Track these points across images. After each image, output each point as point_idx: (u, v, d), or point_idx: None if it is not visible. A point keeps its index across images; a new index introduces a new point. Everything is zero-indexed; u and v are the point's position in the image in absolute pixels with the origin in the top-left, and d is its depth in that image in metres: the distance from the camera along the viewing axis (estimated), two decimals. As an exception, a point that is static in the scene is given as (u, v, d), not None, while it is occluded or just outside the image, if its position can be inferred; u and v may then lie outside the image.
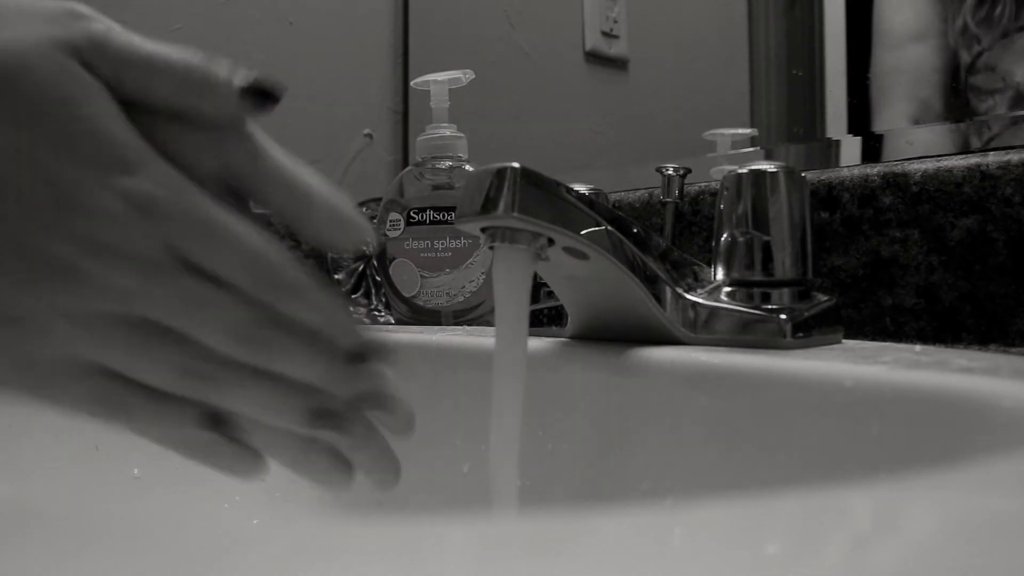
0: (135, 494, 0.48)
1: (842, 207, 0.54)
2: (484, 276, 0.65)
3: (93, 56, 0.23)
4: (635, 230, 0.42)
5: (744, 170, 0.44)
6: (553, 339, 0.46)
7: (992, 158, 0.49)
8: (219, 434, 0.26)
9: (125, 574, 0.11)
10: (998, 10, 0.53)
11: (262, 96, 0.25)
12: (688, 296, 0.43)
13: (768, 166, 0.44)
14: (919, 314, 0.51)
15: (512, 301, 0.38)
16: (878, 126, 0.60)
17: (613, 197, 0.68)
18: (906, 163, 0.53)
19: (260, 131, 0.26)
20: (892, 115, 0.59)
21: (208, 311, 0.24)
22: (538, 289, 0.53)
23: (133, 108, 0.24)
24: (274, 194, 0.26)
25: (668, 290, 0.43)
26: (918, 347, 0.40)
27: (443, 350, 0.51)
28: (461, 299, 0.66)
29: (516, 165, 0.38)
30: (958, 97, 0.54)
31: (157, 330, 0.24)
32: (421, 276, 0.66)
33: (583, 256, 0.41)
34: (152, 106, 0.24)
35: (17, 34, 0.23)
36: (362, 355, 0.26)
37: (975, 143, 0.53)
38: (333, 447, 0.28)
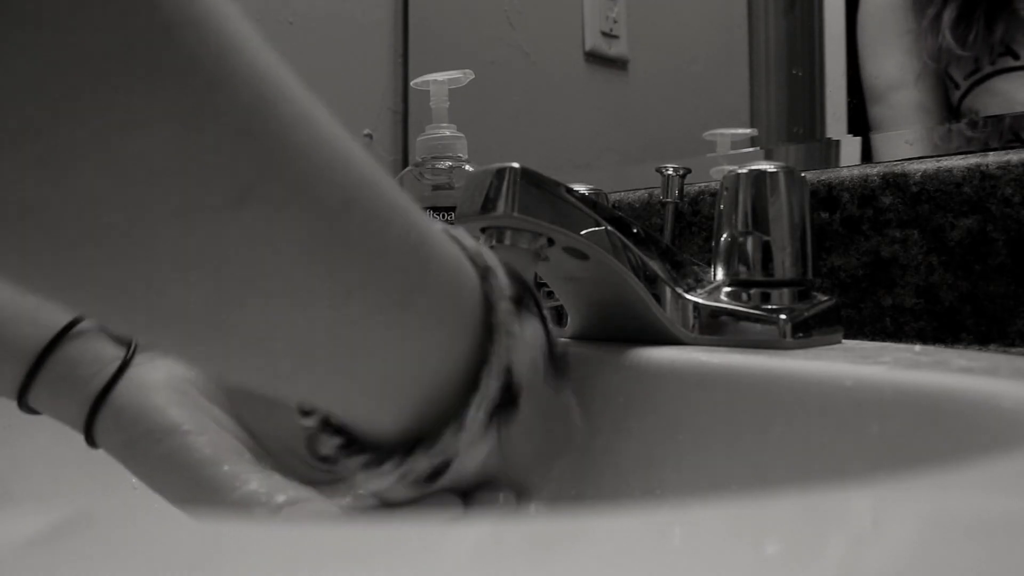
0: (136, 493, 0.48)
1: (842, 207, 0.54)
2: (484, 276, 0.65)
3: None
4: (635, 230, 0.42)
5: (744, 170, 0.44)
6: (553, 339, 0.46)
7: (992, 158, 0.49)
8: None
9: (126, 572, 0.11)
10: (969, 50, 0.55)
11: None
12: (688, 296, 0.43)
13: (768, 166, 0.44)
14: (919, 314, 0.51)
15: (512, 301, 0.38)
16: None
17: (613, 197, 0.68)
18: (906, 163, 0.53)
19: None
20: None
21: None
22: (538, 289, 0.53)
23: None
24: None
25: (668, 290, 0.43)
26: (918, 347, 0.40)
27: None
28: (461, 299, 0.65)
29: (516, 165, 0.38)
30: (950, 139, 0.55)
31: None
32: (421, 276, 0.66)
33: (583, 256, 0.41)
34: None
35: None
36: None
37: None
38: None
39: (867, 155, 0.60)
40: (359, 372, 0.23)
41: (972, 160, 0.49)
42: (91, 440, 0.34)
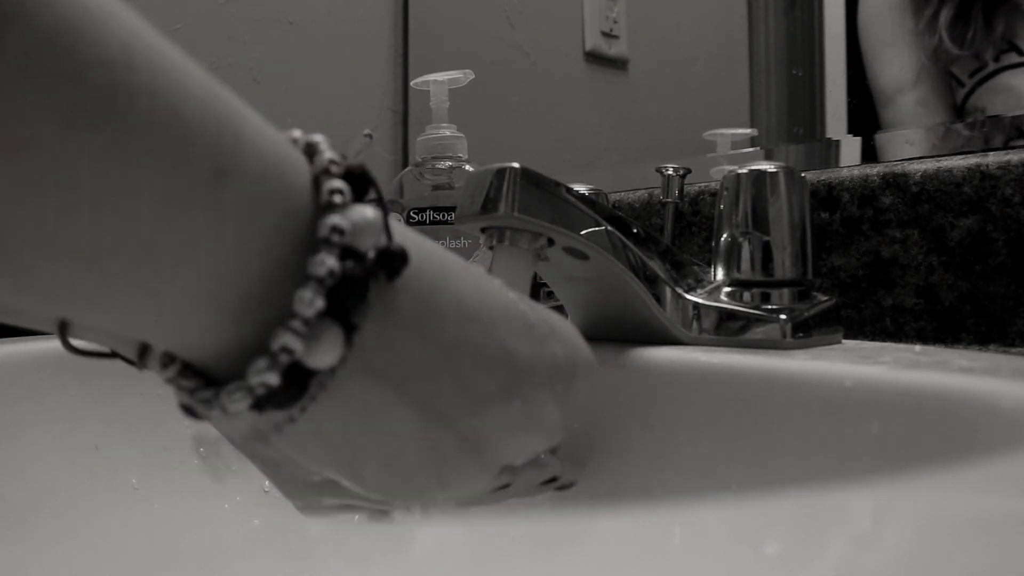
0: (136, 494, 0.48)
1: (842, 207, 0.54)
2: (484, 276, 0.65)
3: None
4: (635, 230, 0.42)
5: (744, 170, 0.44)
6: (553, 339, 0.46)
7: (992, 158, 0.49)
8: None
9: (127, 572, 0.11)
10: (968, 48, 0.55)
11: None
12: (688, 296, 0.43)
13: (768, 166, 0.44)
14: (919, 314, 0.51)
15: (512, 301, 0.38)
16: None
17: (613, 197, 0.68)
18: (906, 163, 0.53)
19: None
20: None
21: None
22: (538, 289, 0.53)
23: None
24: None
25: (668, 290, 0.43)
26: (918, 347, 0.40)
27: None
28: (461, 299, 0.65)
29: (516, 165, 0.38)
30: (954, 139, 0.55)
31: None
32: (421, 276, 0.65)
33: (583, 256, 0.41)
34: None
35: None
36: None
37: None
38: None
39: (867, 155, 0.60)
40: (153, 276, 0.19)
41: (972, 160, 0.50)
42: None
